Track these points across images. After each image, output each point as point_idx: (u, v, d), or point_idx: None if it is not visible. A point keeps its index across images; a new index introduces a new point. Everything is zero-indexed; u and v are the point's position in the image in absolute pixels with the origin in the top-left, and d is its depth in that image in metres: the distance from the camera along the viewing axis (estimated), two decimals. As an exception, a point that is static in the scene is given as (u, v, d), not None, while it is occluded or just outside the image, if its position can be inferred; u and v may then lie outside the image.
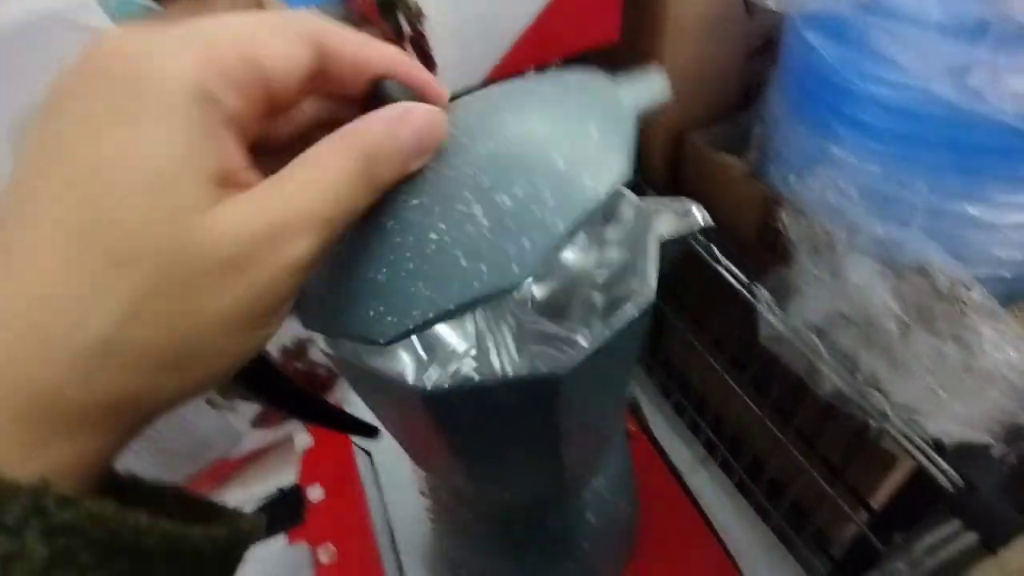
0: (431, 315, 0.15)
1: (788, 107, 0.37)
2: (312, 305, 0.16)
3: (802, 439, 0.41)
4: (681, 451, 0.48)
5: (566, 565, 0.27)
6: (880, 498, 0.36)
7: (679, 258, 0.19)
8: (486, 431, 0.18)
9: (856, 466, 0.36)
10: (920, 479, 0.31)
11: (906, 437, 0.31)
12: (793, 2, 0.32)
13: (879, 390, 0.32)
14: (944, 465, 0.29)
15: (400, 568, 0.28)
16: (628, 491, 0.29)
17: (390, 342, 0.15)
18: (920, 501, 0.31)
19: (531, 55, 0.39)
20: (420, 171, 0.16)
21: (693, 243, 0.42)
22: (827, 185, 0.35)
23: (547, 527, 0.25)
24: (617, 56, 0.45)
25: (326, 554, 0.28)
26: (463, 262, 0.15)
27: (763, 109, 0.41)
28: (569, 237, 0.15)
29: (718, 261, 0.40)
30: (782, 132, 0.38)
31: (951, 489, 0.29)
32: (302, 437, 0.34)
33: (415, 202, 0.16)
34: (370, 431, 0.22)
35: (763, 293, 0.37)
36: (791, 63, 0.36)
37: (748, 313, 0.39)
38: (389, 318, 0.15)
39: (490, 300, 0.15)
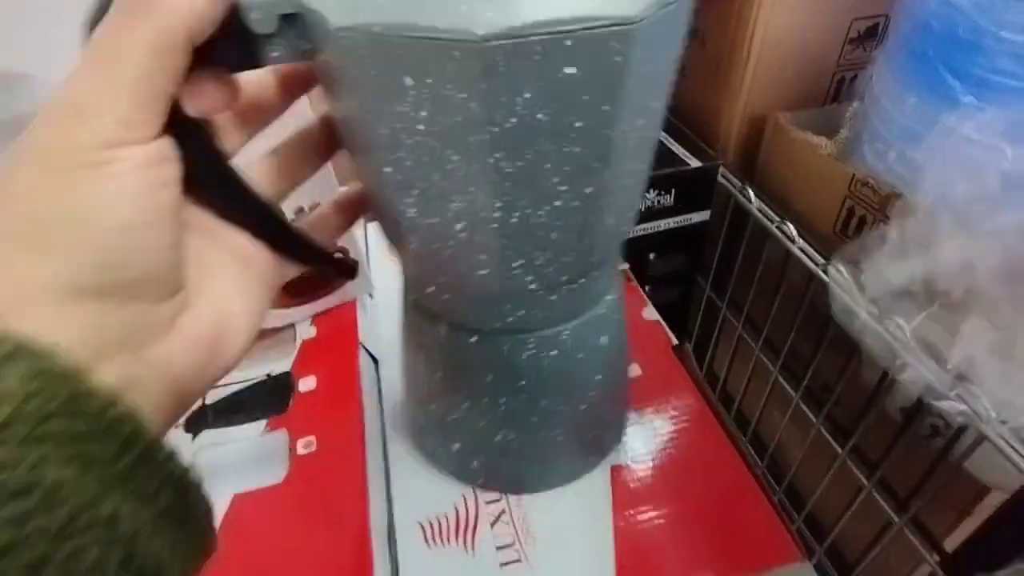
0: (541, 18, 0.13)
1: (895, 77, 0.34)
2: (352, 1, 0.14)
3: (862, 460, 0.35)
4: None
5: (578, 409, 0.24)
6: (959, 535, 0.31)
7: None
8: (539, 127, 0.15)
9: (931, 494, 0.30)
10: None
11: (1008, 443, 0.25)
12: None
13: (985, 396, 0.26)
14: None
15: (387, 472, 0.24)
16: (624, 329, 0.26)
17: (488, 39, 0.13)
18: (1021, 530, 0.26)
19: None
20: None
21: (764, 219, 0.38)
22: (935, 160, 0.31)
23: (567, 346, 0.22)
24: (708, 9, 0.43)
25: (305, 446, 0.24)
26: None
27: (862, 88, 0.37)
28: (668, 4, 0.15)
29: (792, 241, 0.36)
30: (883, 107, 0.35)
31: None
32: (305, 328, 0.31)
33: None
34: (351, 271, 0.22)
35: (840, 273, 0.32)
36: (907, 24, 0.33)
37: (818, 301, 0.34)
38: (490, 14, 0.13)
39: (604, 29, 0.14)
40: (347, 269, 0.22)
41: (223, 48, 0.15)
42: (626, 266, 0.39)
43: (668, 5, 0.15)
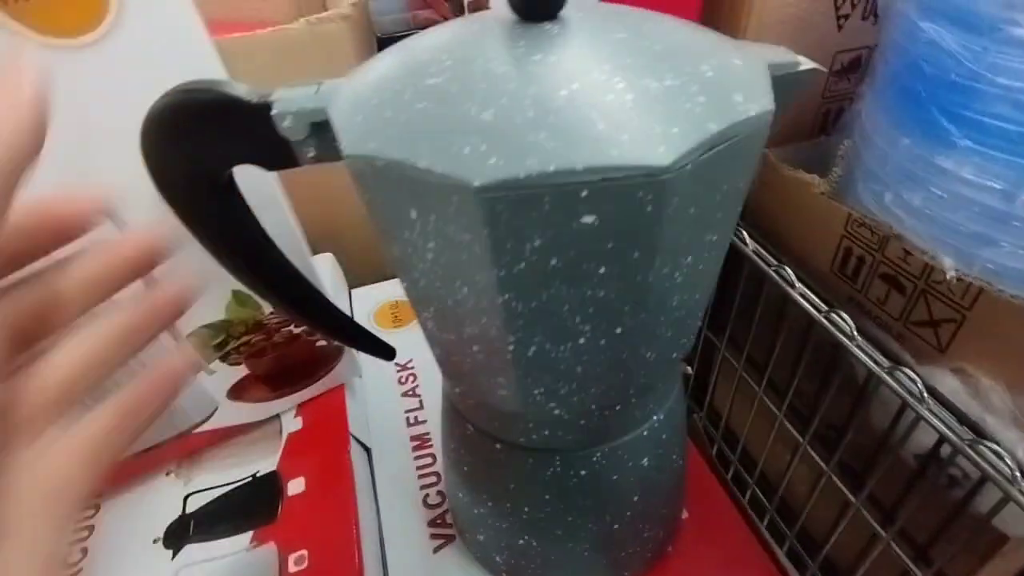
0: (551, 168, 0.12)
1: (886, 117, 0.33)
2: (368, 125, 0.14)
3: (875, 504, 0.34)
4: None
5: (610, 528, 0.22)
6: (982, 588, 0.29)
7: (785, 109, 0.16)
8: (553, 271, 0.14)
9: (950, 544, 0.29)
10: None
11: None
12: (914, -16, 0.28)
13: (1010, 454, 0.25)
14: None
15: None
16: (680, 445, 0.24)
17: (486, 188, 0.12)
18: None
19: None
20: (543, 33, 0.14)
21: (761, 263, 0.37)
22: (931, 205, 0.31)
23: (597, 468, 0.21)
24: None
25: (296, 562, 0.22)
26: (600, 125, 0.12)
27: (851, 124, 0.37)
28: (721, 142, 0.13)
29: (792, 285, 0.35)
30: (876, 146, 0.34)
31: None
32: (290, 419, 0.29)
33: (537, 57, 0.13)
34: (389, 352, 0.22)
35: (844, 320, 0.32)
36: (896, 63, 0.32)
37: (821, 344, 0.34)
38: (493, 160, 0.12)
39: (627, 178, 0.12)
40: (387, 349, 0.22)
41: (258, 148, 0.16)
42: (689, 370, 0.37)
43: (718, 146, 0.13)
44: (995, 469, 0.25)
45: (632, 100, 0.13)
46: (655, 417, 0.21)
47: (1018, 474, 0.24)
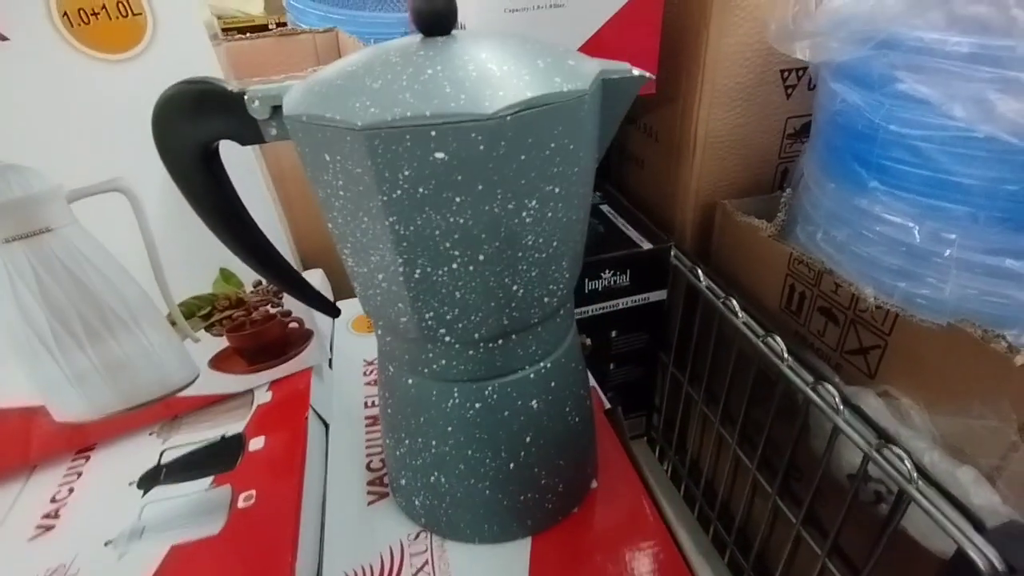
0: (409, 114, 0.17)
1: (817, 166, 0.37)
2: (301, 97, 0.19)
3: (818, 529, 0.35)
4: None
5: (507, 466, 0.25)
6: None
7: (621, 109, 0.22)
8: (422, 198, 0.18)
9: (875, 561, 0.30)
10: (956, 566, 0.25)
11: (939, 510, 0.26)
12: (819, 51, 0.33)
13: (909, 456, 0.27)
14: (985, 545, 0.24)
15: (322, 531, 0.25)
16: (574, 402, 0.27)
17: (366, 127, 0.17)
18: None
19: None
20: (433, 42, 0.19)
21: (712, 296, 0.40)
22: (853, 241, 0.34)
23: (490, 401, 0.24)
24: (654, 104, 0.48)
25: (245, 499, 0.25)
26: (448, 88, 0.17)
27: (796, 177, 0.41)
28: (536, 105, 0.18)
29: (736, 314, 0.38)
30: (811, 192, 0.38)
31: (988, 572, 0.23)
32: (261, 393, 0.32)
33: (421, 53, 0.19)
34: (333, 309, 0.26)
35: (776, 342, 0.34)
36: (821, 120, 0.37)
37: (768, 373, 0.36)
38: (372, 109, 0.17)
39: (461, 123, 0.17)
40: (331, 307, 0.27)
41: (236, 126, 0.21)
42: (588, 342, 0.41)
43: (534, 108, 0.18)
44: (896, 469, 0.27)
45: (475, 76, 0.18)
46: (541, 363, 0.24)
47: (915, 473, 0.26)
